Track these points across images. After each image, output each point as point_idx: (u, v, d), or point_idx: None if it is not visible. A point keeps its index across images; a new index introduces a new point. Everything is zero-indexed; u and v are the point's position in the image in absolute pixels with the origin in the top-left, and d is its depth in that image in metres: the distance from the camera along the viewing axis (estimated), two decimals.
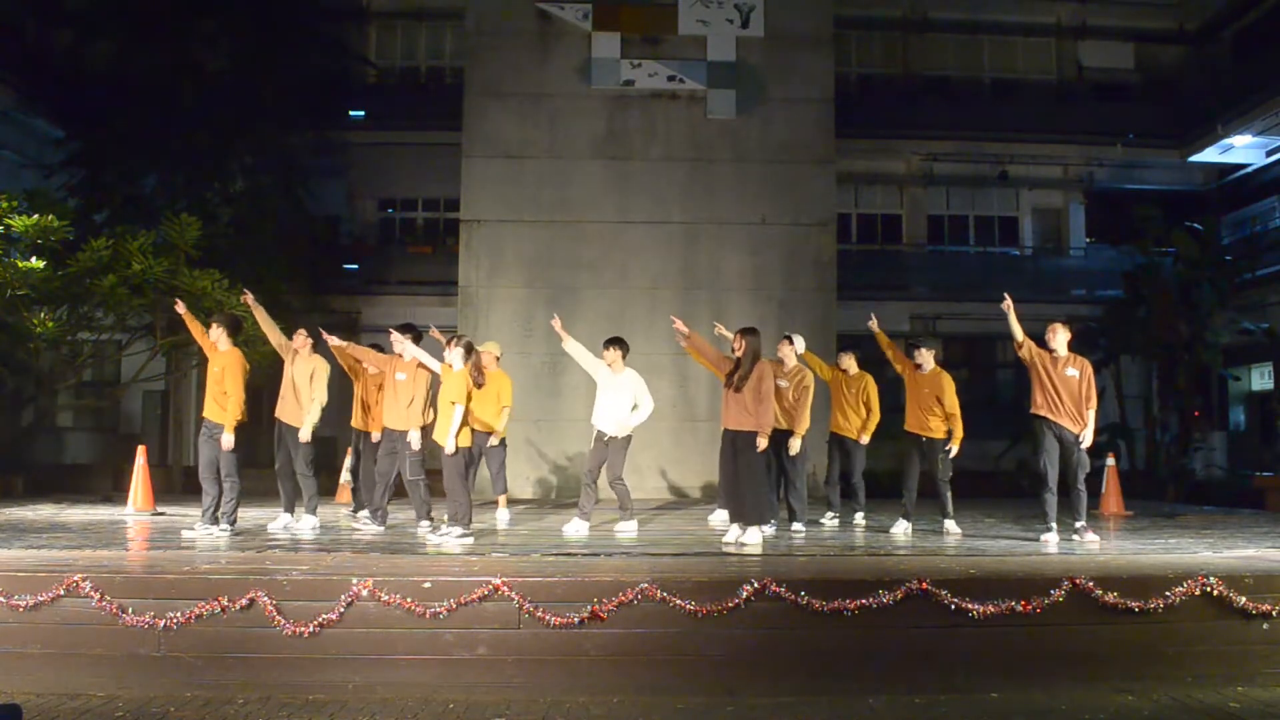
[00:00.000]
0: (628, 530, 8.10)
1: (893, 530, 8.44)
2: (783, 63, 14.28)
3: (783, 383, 8.34)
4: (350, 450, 9.70)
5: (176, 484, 15.11)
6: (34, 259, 11.24)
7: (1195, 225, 17.19)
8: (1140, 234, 17.11)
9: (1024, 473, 16.39)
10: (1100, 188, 20.02)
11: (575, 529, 7.93)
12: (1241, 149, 18.68)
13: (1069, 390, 7.57)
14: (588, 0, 14.23)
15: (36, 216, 11.22)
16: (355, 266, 18.65)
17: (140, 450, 10.77)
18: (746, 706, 5.16)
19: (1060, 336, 7.70)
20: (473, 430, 7.80)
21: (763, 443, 7.21)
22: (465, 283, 13.93)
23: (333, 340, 8.24)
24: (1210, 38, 19.67)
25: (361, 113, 18.19)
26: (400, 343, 7.83)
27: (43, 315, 11.95)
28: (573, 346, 8.34)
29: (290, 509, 8.38)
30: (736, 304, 13.86)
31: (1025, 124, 18.82)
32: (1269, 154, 18.73)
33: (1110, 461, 11.52)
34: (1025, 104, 19.40)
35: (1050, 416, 7.60)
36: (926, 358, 8.50)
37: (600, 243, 13.99)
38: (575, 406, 12.97)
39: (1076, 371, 7.61)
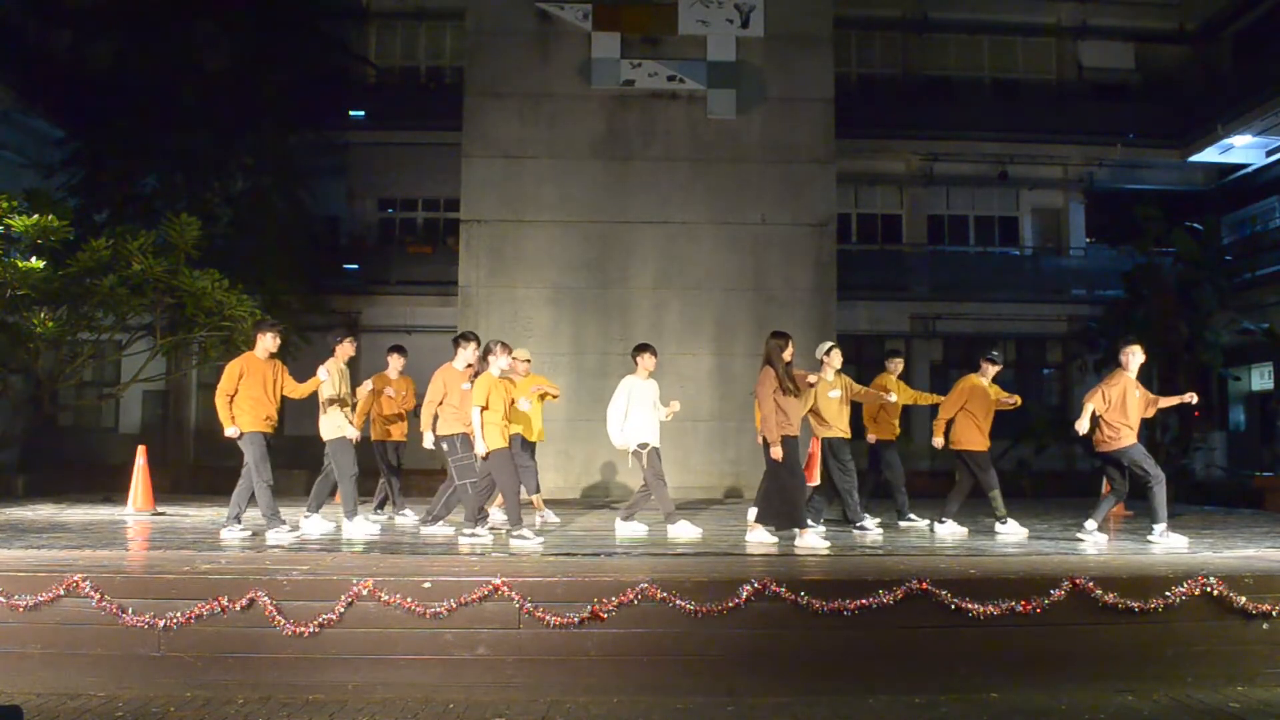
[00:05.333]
0: (638, 530, 8.13)
1: (942, 532, 8.41)
2: (783, 63, 14.28)
3: (834, 392, 8.38)
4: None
5: (183, 484, 15.13)
6: (34, 259, 11.22)
7: (1195, 225, 17.20)
8: (1140, 234, 17.12)
9: (1023, 472, 16.44)
10: (1100, 188, 20.02)
11: (684, 530, 7.99)
12: (1241, 149, 18.69)
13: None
14: (588, 0, 14.23)
15: (36, 216, 11.20)
16: (355, 266, 18.65)
17: (140, 450, 10.77)
18: (746, 706, 5.16)
19: (1136, 359, 7.87)
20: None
21: (774, 451, 7.20)
22: (465, 283, 13.93)
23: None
24: (1210, 38, 19.67)
25: (361, 113, 18.21)
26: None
27: (43, 315, 11.93)
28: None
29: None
30: (736, 304, 13.88)
31: (1025, 124, 18.84)
32: (1269, 154, 18.73)
33: None
34: (1025, 104, 19.41)
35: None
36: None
37: (600, 243, 13.99)
38: (577, 408, 12.97)
39: (1139, 392, 7.82)
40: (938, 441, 8.50)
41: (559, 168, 14.05)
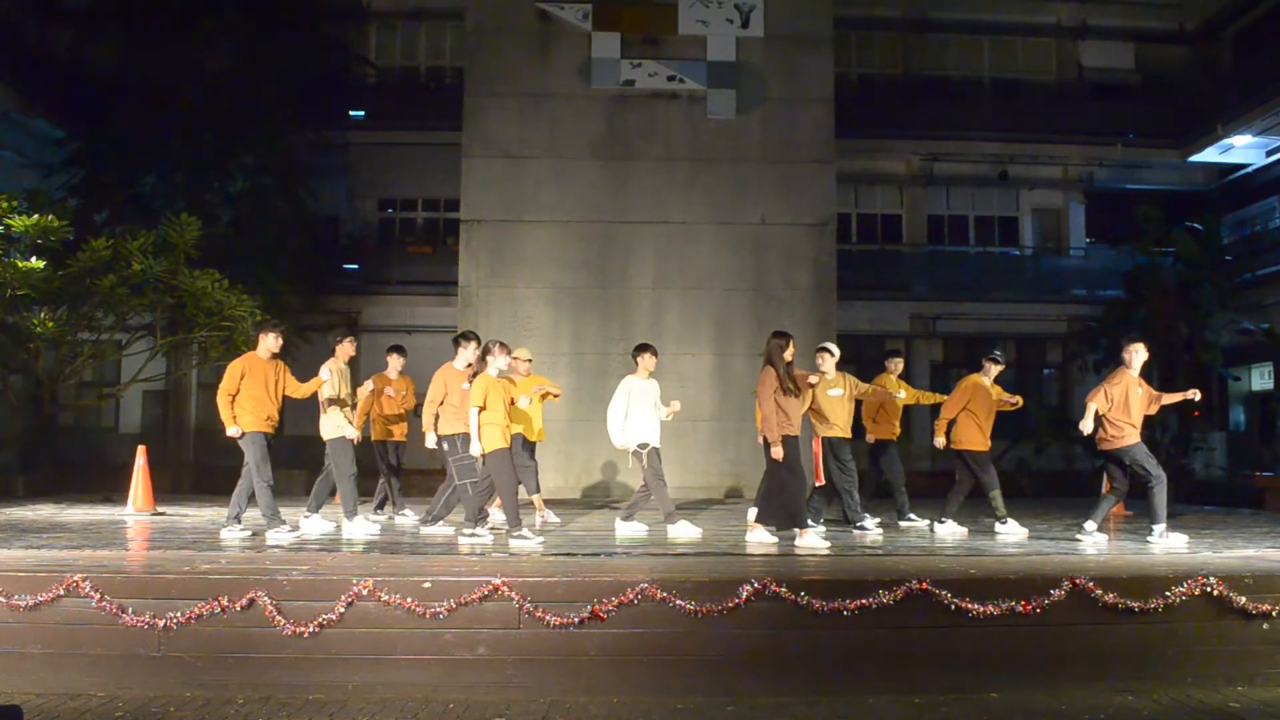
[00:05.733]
0: (638, 530, 8.13)
1: (942, 532, 8.40)
2: (783, 63, 14.27)
3: (835, 390, 8.37)
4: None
5: (183, 484, 15.13)
6: (34, 259, 11.24)
7: (1195, 225, 17.17)
8: (1140, 234, 17.10)
9: (1023, 472, 16.44)
10: (1100, 188, 20.03)
11: (684, 530, 7.97)
12: (1241, 149, 18.69)
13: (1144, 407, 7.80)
14: (588, 0, 14.23)
15: (36, 216, 11.22)
16: (355, 266, 18.66)
17: (140, 450, 10.76)
18: (746, 706, 5.16)
19: (1139, 357, 7.82)
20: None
21: (775, 451, 7.19)
22: (465, 283, 13.93)
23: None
24: (1210, 38, 19.67)
25: (361, 113, 18.22)
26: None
27: (43, 315, 11.94)
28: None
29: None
30: (736, 304, 13.88)
31: (1025, 124, 18.85)
32: (1269, 154, 18.73)
33: None
34: (1025, 104, 19.42)
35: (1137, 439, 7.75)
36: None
37: (600, 243, 13.99)
38: (577, 408, 12.96)
39: (1142, 390, 7.77)
40: (939, 441, 8.50)
41: (559, 168, 14.05)
